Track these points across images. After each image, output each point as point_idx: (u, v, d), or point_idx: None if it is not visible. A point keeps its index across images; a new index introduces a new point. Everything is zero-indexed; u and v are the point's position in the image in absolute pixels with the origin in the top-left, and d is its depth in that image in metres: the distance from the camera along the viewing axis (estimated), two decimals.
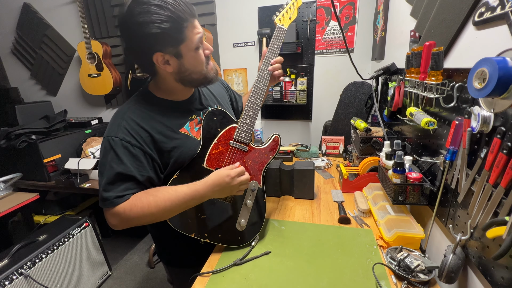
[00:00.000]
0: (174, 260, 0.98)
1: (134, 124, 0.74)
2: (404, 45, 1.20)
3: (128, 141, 0.72)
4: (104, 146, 0.73)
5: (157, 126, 0.77)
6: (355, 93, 1.88)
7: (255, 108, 0.86)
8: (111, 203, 0.70)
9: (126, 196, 0.71)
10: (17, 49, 2.89)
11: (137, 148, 0.73)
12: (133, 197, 0.71)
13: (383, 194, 1.03)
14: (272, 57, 0.90)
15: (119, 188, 0.71)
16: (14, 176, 1.86)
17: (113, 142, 0.71)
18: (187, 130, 0.83)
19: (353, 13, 2.03)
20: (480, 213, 0.58)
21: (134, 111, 0.76)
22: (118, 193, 0.70)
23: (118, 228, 0.73)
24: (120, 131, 0.72)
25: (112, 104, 2.84)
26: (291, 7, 0.94)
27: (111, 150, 0.71)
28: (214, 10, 2.27)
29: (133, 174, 0.72)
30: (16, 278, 1.29)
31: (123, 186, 0.71)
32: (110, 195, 0.70)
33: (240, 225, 0.86)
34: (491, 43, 0.60)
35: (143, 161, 0.74)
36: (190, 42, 0.72)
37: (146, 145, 0.75)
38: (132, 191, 0.72)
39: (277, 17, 0.93)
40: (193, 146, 0.83)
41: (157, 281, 1.98)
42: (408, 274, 0.71)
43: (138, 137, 0.73)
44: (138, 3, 0.66)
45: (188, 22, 0.70)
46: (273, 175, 1.17)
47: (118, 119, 0.75)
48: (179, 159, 0.80)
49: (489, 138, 0.57)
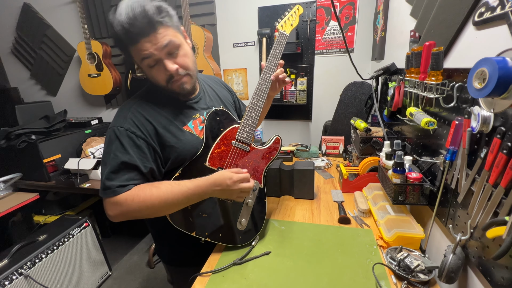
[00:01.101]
0: (174, 259, 0.98)
1: (140, 116, 0.76)
2: (404, 45, 1.20)
3: (133, 132, 0.73)
4: (109, 136, 0.74)
5: (162, 121, 0.79)
6: (355, 93, 1.88)
7: (256, 109, 0.88)
8: (113, 192, 0.69)
9: (129, 186, 0.71)
10: (17, 49, 2.89)
11: (141, 139, 0.74)
12: (136, 188, 0.72)
13: (383, 194, 1.03)
14: (274, 61, 0.92)
15: (122, 177, 0.71)
16: (14, 176, 1.86)
17: (118, 132, 0.72)
18: (191, 128, 0.84)
19: (353, 13, 2.03)
20: (480, 213, 0.58)
21: (141, 105, 0.78)
22: (121, 182, 0.70)
23: (116, 219, 0.72)
24: (126, 122, 0.74)
25: (112, 104, 2.84)
26: (293, 14, 0.99)
27: (116, 139, 0.72)
28: (214, 10, 2.27)
29: (137, 164, 0.72)
30: (16, 278, 1.29)
31: (127, 176, 0.72)
32: (112, 184, 0.70)
33: (241, 224, 0.86)
34: (491, 43, 0.60)
35: (146, 153, 0.75)
36: (137, 59, 0.74)
37: (150, 138, 0.76)
38: (135, 182, 0.73)
39: (279, 24, 0.98)
40: (195, 144, 0.84)
41: (157, 281, 1.98)
42: (408, 274, 0.71)
43: (143, 128, 0.75)
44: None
45: (131, 45, 0.70)
46: (273, 175, 1.17)
47: (125, 110, 0.76)
48: (180, 155, 0.81)
49: (489, 138, 0.57)
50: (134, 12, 0.66)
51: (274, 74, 0.90)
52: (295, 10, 1.00)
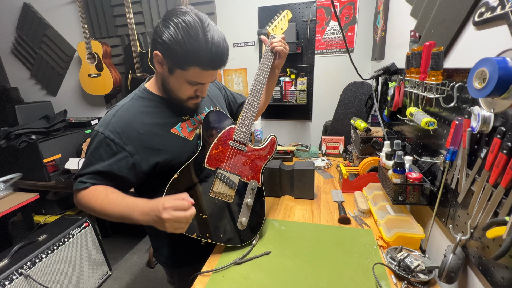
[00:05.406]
0: (172, 260, 0.98)
1: (122, 123, 0.76)
2: (404, 45, 1.20)
3: (112, 139, 0.74)
4: (92, 136, 0.77)
5: (148, 123, 0.79)
6: (355, 93, 1.88)
7: (252, 110, 0.90)
8: (76, 185, 0.76)
9: (87, 184, 0.75)
10: (17, 49, 2.89)
11: (119, 147, 0.75)
12: (92, 188, 0.75)
13: (383, 194, 1.03)
14: (266, 62, 0.95)
15: (87, 175, 0.75)
16: (14, 176, 1.86)
17: (98, 137, 0.75)
18: (178, 130, 0.85)
19: (353, 13, 2.03)
20: (480, 213, 0.58)
21: (127, 108, 0.79)
22: (83, 178, 0.75)
23: (78, 207, 0.79)
24: (108, 128, 0.75)
25: (112, 104, 2.84)
26: (282, 19, 1.06)
27: (94, 143, 0.75)
28: (214, 10, 2.27)
29: (104, 170, 0.75)
30: (16, 278, 1.29)
31: (91, 175, 0.75)
32: (78, 177, 0.76)
33: (242, 224, 0.87)
34: (491, 43, 0.59)
35: (121, 160, 0.76)
36: (186, 76, 0.75)
37: (131, 145, 0.76)
38: (94, 182, 0.75)
39: (270, 27, 1.04)
40: (184, 146, 0.84)
41: (157, 281, 1.98)
42: (408, 274, 0.71)
43: (124, 135, 0.76)
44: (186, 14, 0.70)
45: (201, 66, 0.73)
46: (273, 175, 1.17)
47: (110, 115, 0.78)
48: (168, 158, 0.81)
49: (489, 138, 0.57)
50: (223, 44, 0.73)
51: (270, 47, 0.95)
52: (284, 15, 1.06)
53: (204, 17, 0.72)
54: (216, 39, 0.71)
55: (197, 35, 0.68)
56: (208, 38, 0.69)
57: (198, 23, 0.69)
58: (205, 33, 0.69)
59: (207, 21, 0.71)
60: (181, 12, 0.71)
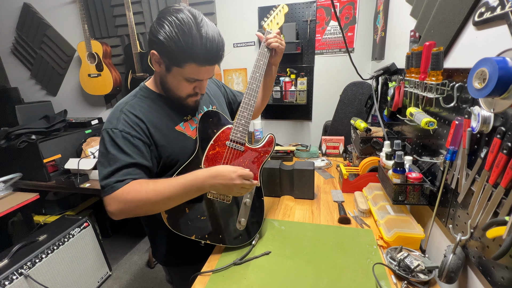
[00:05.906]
0: (170, 260, 0.98)
1: (132, 116, 0.76)
2: (404, 45, 1.20)
3: (128, 132, 0.73)
4: (103, 137, 0.74)
5: (154, 120, 0.79)
6: (355, 93, 1.88)
7: (249, 109, 0.88)
8: (111, 188, 0.70)
9: (126, 180, 0.71)
10: (17, 49, 2.89)
11: (137, 139, 0.74)
12: (133, 182, 0.71)
13: (383, 194, 1.03)
14: (262, 59, 0.94)
15: (119, 173, 0.71)
16: (14, 176, 1.86)
17: (113, 133, 0.73)
18: (182, 128, 0.85)
19: (353, 13, 2.03)
20: (480, 213, 0.58)
21: (131, 105, 0.79)
22: (118, 178, 0.70)
23: (116, 216, 0.71)
24: (119, 123, 0.74)
25: (112, 104, 2.84)
26: (278, 13, 1.02)
27: (111, 141, 0.72)
28: (214, 10, 2.27)
29: (135, 162, 0.73)
30: (16, 278, 1.29)
31: (124, 171, 0.71)
32: (110, 181, 0.70)
33: (241, 224, 0.86)
34: (491, 43, 0.60)
35: (143, 151, 0.75)
36: (183, 73, 0.75)
37: (145, 136, 0.76)
38: (133, 176, 0.72)
39: (266, 23, 1.01)
40: (187, 144, 0.84)
41: (157, 281, 1.98)
42: (408, 274, 0.71)
43: (138, 128, 0.75)
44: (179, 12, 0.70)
45: (197, 62, 0.72)
46: (273, 175, 1.17)
47: (117, 112, 0.77)
48: (171, 155, 0.81)
49: (489, 138, 0.57)
50: (218, 39, 0.72)
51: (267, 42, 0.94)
52: (280, 9, 1.01)
53: (197, 13, 0.72)
54: (210, 34, 0.71)
55: (191, 31, 0.68)
56: (202, 34, 0.69)
57: (191, 19, 0.69)
58: (199, 28, 0.69)
59: (201, 17, 0.71)
60: (174, 10, 0.71)
